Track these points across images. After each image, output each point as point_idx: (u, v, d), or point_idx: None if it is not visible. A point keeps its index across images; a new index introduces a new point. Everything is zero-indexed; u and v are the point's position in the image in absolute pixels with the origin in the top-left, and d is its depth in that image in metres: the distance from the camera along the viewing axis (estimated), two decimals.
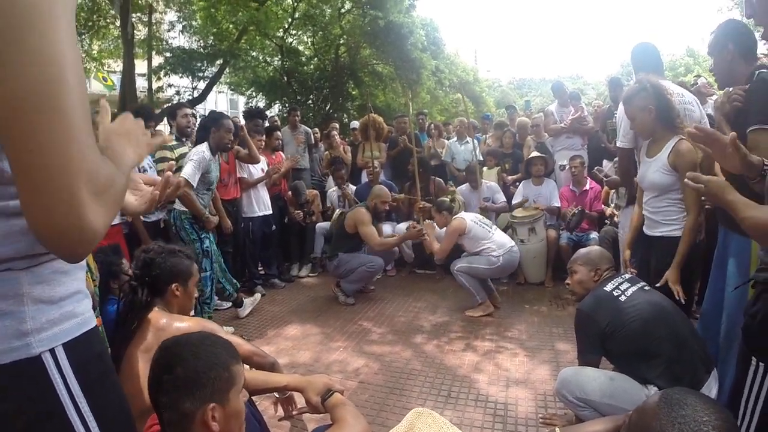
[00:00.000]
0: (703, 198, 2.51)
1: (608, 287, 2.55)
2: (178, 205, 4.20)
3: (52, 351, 0.88)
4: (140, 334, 2.03)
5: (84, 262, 1.01)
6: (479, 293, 4.70)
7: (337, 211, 6.29)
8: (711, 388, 2.27)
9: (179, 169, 4.24)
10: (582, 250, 2.90)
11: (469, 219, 4.76)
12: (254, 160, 5.34)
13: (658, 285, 2.65)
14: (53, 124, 0.70)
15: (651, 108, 2.79)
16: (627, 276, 2.65)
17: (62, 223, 0.72)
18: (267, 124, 6.79)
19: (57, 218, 0.72)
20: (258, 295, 5.14)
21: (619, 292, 2.50)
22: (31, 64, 0.68)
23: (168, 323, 2.08)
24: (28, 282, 0.87)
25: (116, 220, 3.76)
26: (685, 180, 1.64)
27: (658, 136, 2.86)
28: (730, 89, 2.42)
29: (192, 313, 2.71)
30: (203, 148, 4.21)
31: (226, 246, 4.90)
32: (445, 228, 4.88)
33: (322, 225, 6.47)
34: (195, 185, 4.11)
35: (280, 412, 2.19)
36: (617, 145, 3.39)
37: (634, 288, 2.52)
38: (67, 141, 0.71)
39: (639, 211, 3.11)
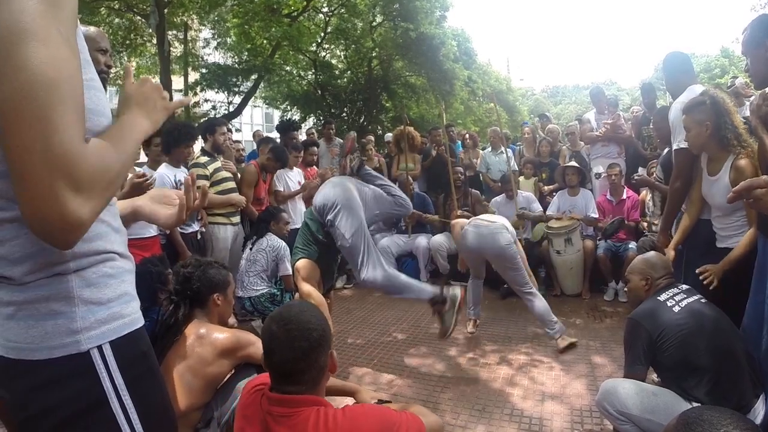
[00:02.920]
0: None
1: (662, 297, 2.47)
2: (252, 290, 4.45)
3: (99, 348, 0.97)
4: (180, 342, 2.16)
5: (132, 266, 1.11)
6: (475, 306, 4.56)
7: None
8: (758, 413, 2.19)
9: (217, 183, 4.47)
10: (639, 257, 2.79)
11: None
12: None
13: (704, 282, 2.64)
14: (34, 124, 0.76)
15: (708, 124, 2.75)
16: (685, 287, 2.56)
17: (44, 213, 0.78)
18: (304, 137, 6.88)
19: (39, 209, 0.78)
20: None
21: (673, 303, 2.42)
22: (19, 70, 0.75)
23: (207, 332, 2.20)
24: (78, 285, 0.96)
25: (153, 232, 3.84)
26: (730, 194, 1.59)
27: (712, 153, 2.82)
28: (767, 90, 2.34)
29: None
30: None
31: None
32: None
33: None
34: None
35: None
36: (678, 146, 3.18)
37: (689, 299, 2.43)
38: (47, 139, 0.76)
39: (689, 217, 3.06)
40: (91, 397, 0.96)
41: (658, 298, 2.48)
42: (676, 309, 2.38)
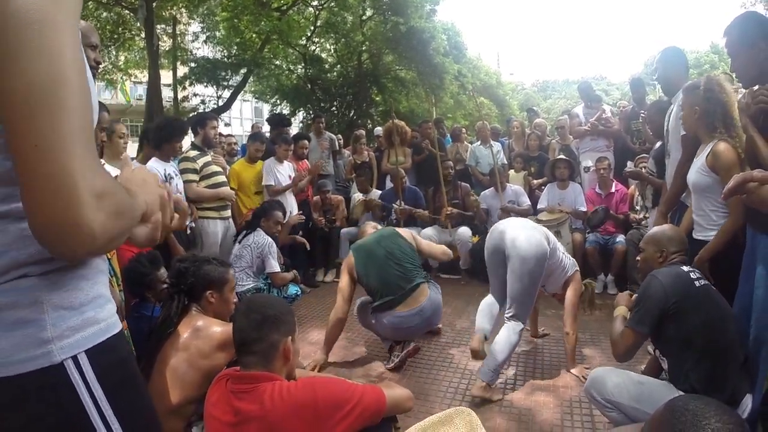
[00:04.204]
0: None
1: (685, 268, 2.40)
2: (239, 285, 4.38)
3: (74, 358, 0.88)
4: (176, 334, 2.17)
5: (106, 266, 1.02)
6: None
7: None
8: (745, 406, 2.20)
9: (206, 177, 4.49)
10: (655, 228, 2.74)
11: None
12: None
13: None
14: (57, 122, 0.72)
15: (696, 108, 2.83)
16: (698, 270, 2.49)
17: (61, 220, 0.72)
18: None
19: (56, 215, 0.72)
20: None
21: (695, 276, 2.36)
22: (35, 62, 0.71)
23: (205, 325, 2.21)
24: (46, 288, 0.87)
25: None
26: (724, 191, 1.61)
27: (701, 136, 2.89)
28: (755, 88, 2.34)
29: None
30: None
31: None
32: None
33: (347, 230, 6.51)
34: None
35: None
36: (683, 132, 3.22)
37: (704, 281, 2.38)
38: (70, 139, 0.73)
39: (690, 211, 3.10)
40: (69, 413, 0.88)
41: (682, 267, 2.41)
42: (697, 284, 2.31)
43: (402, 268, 3.64)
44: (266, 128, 8.35)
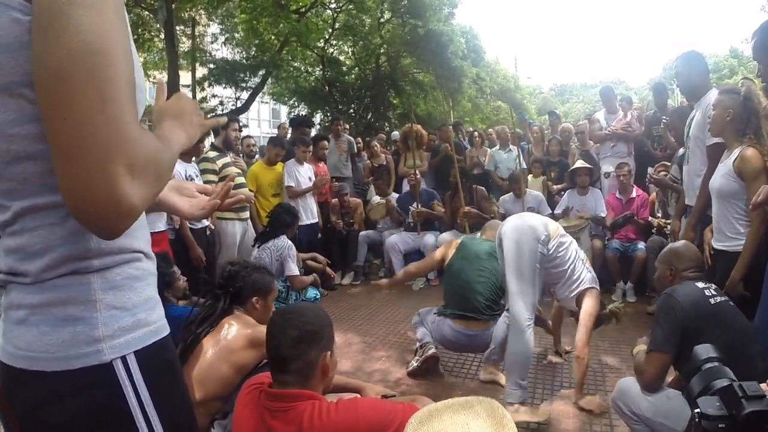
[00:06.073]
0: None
1: (700, 284, 2.31)
2: None
3: (123, 358, 0.87)
4: (214, 332, 2.22)
5: (155, 267, 1.01)
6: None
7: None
8: None
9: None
10: (669, 246, 2.69)
11: None
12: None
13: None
14: (91, 94, 0.69)
15: (731, 111, 2.79)
16: (713, 286, 2.40)
17: (97, 195, 0.71)
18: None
19: (91, 190, 0.71)
20: None
21: (710, 294, 2.27)
22: (74, 33, 0.69)
23: (242, 323, 2.27)
24: (100, 287, 0.86)
25: (162, 227, 3.85)
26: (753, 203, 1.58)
27: (728, 140, 2.86)
28: None
29: None
30: None
31: None
32: None
33: (366, 233, 6.52)
34: None
35: None
36: (711, 142, 3.14)
37: (721, 298, 2.29)
38: (105, 112, 0.70)
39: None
40: (114, 413, 0.88)
41: (697, 284, 2.32)
42: (712, 301, 2.23)
43: (487, 294, 3.52)
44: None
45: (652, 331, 2.35)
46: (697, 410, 1.29)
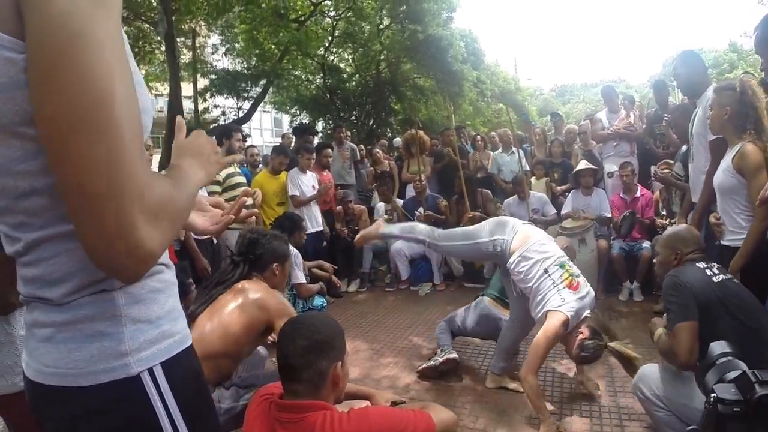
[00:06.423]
0: None
1: (700, 264, 2.34)
2: None
3: (150, 370, 0.89)
4: (232, 291, 2.39)
5: (175, 277, 1.02)
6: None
7: None
8: None
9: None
10: (669, 230, 2.74)
11: None
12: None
13: None
14: (97, 145, 0.68)
15: (728, 109, 2.80)
16: (716, 265, 2.41)
17: (113, 245, 0.71)
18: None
19: (107, 241, 0.71)
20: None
21: (712, 273, 2.29)
22: (74, 84, 0.67)
23: (259, 286, 2.43)
24: (125, 303, 0.87)
25: None
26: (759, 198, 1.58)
27: (728, 137, 2.87)
28: None
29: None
30: None
31: None
32: None
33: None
34: None
35: None
36: (713, 138, 3.17)
37: (724, 276, 2.30)
38: (113, 162, 0.69)
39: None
40: (143, 425, 0.89)
41: (697, 264, 2.34)
42: (715, 279, 2.25)
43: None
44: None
45: (667, 313, 2.35)
46: (714, 395, 1.37)
